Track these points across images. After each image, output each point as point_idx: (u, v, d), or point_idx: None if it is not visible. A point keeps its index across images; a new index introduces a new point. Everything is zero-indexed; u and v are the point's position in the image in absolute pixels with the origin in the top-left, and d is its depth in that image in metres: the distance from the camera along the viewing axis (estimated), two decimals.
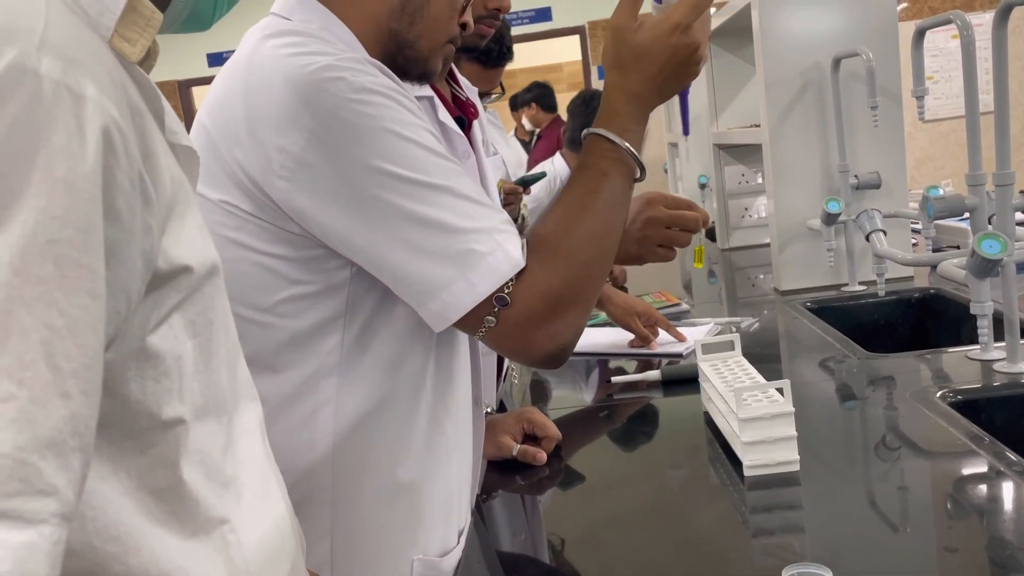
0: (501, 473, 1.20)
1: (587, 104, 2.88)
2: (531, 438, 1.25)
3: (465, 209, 0.82)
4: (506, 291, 0.81)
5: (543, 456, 1.20)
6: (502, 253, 0.81)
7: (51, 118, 0.41)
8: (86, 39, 0.45)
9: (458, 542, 0.96)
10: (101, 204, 0.42)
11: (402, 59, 0.95)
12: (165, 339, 0.49)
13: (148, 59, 0.53)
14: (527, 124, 5.54)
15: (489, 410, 1.28)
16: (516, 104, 5.54)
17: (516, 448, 1.22)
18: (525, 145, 5.59)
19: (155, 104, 0.52)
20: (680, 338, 1.69)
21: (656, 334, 1.71)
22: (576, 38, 6.80)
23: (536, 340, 0.83)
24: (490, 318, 0.82)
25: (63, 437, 0.39)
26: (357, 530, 0.88)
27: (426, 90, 1.36)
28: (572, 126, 2.86)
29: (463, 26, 0.96)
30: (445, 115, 1.42)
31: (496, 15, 1.33)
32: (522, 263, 0.82)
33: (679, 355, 1.63)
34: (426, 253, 0.80)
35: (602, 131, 0.90)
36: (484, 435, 1.12)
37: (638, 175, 0.91)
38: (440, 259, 0.81)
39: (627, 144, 0.89)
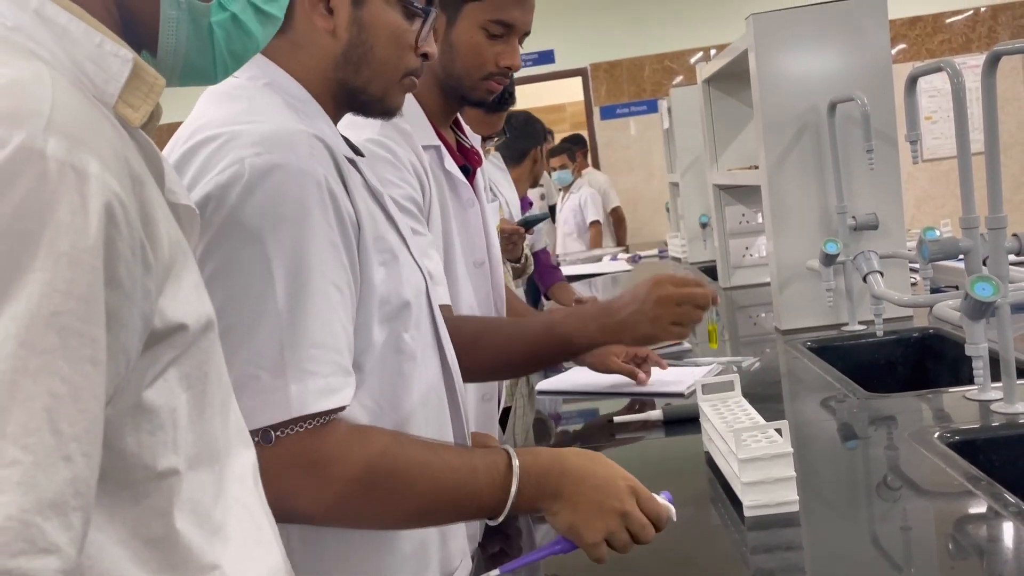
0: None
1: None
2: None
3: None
4: (280, 432, 0.77)
5: (644, 377, 1.46)
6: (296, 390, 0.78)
7: (56, 196, 0.43)
8: (90, 115, 0.47)
9: None
10: (103, 275, 0.45)
11: (358, 104, 0.96)
12: (161, 393, 0.52)
13: (151, 122, 0.56)
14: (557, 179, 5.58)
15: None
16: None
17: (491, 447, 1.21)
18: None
19: (156, 166, 0.55)
20: (661, 366, 1.71)
21: (647, 370, 1.71)
22: (579, 79, 6.90)
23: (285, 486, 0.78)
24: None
25: (65, 498, 0.42)
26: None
27: (433, 139, 1.39)
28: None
29: (425, 56, 0.95)
30: (451, 164, 1.45)
31: (507, 73, 1.36)
32: (300, 412, 0.77)
33: (680, 394, 1.64)
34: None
35: (516, 463, 0.86)
36: None
37: (492, 518, 0.88)
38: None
39: (510, 496, 0.86)
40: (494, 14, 1.31)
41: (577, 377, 1.82)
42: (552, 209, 5.84)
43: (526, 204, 3.06)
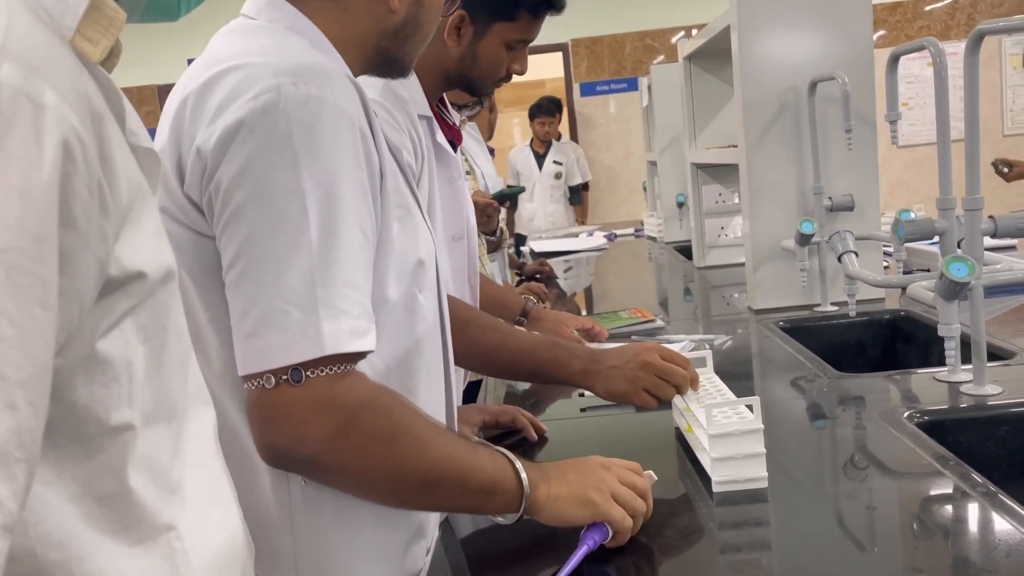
0: None
1: None
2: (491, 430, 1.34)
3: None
4: (311, 372, 0.75)
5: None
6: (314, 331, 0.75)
7: (8, 126, 0.40)
8: (48, 44, 0.44)
9: (427, 555, 0.95)
10: (57, 213, 0.42)
11: (385, 68, 0.97)
12: (115, 344, 0.49)
13: (111, 58, 0.52)
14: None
15: None
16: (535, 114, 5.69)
17: (474, 439, 1.24)
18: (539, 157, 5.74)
19: (116, 105, 0.52)
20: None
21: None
22: (559, 55, 6.84)
23: (288, 431, 0.76)
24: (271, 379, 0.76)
25: (8, 449, 0.39)
26: (320, 553, 0.86)
27: (427, 110, 1.43)
28: None
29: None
30: (442, 137, 1.48)
31: (510, 77, 1.46)
32: (334, 350, 0.75)
33: None
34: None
35: (524, 479, 0.88)
36: None
37: (501, 519, 0.90)
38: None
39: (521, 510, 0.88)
40: (521, 34, 1.41)
41: None
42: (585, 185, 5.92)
43: (490, 152, 3.06)
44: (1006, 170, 3.55)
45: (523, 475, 0.88)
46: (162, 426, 0.53)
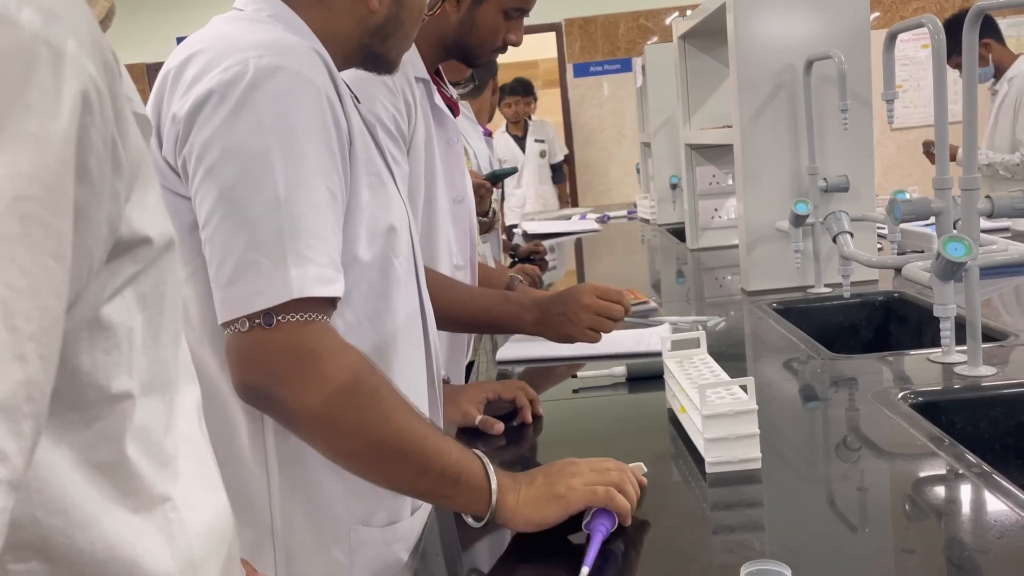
0: None
1: None
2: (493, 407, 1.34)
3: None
4: (281, 317, 0.80)
5: (500, 427, 1.27)
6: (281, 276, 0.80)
7: (28, 72, 0.39)
8: None
9: (411, 515, 0.99)
10: (74, 165, 0.40)
11: (369, 64, 1.02)
12: (119, 310, 0.48)
13: (106, 20, 0.52)
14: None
15: (447, 380, 1.34)
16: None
17: (478, 418, 1.27)
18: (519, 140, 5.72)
19: (119, 67, 0.51)
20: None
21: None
22: (552, 35, 6.79)
23: (262, 371, 0.81)
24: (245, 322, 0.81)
25: (17, 402, 0.37)
26: (299, 501, 0.92)
27: (424, 73, 1.46)
28: None
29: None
30: (439, 99, 1.51)
31: (505, 48, 1.48)
32: (300, 294, 0.80)
33: (653, 353, 1.61)
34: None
35: (492, 479, 0.88)
36: (445, 407, 1.19)
37: (473, 520, 0.90)
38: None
39: (491, 506, 0.87)
40: (519, 2, 1.42)
41: (537, 348, 1.77)
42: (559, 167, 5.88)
43: (487, 134, 3.04)
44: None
45: (491, 474, 0.88)
46: (156, 397, 0.52)
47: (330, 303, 0.84)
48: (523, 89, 5.73)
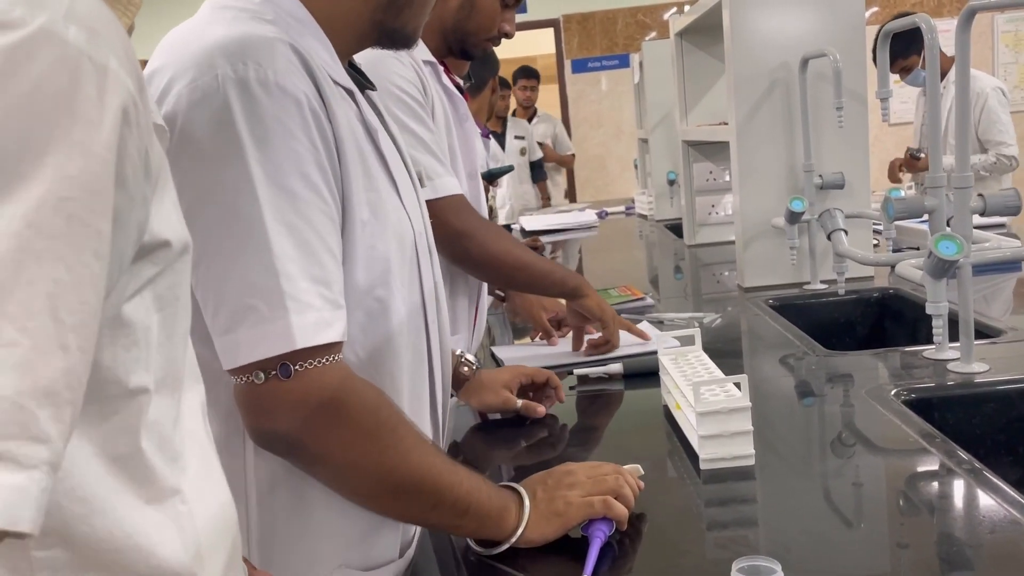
0: None
1: None
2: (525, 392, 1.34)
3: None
4: (298, 366, 0.75)
5: (543, 410, 1.29)
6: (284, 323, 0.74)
7: (75, 85, 0.42)
8: (106, 12, 0.47)
9: (400, 555, 0.93)
10: (114, 171, 0.44)
11: (386, 40, 0.94)
12: (138, 309, 0.51)
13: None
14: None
15: (476, 366, 1.32)
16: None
17: (519, 402, 1.29)
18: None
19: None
20: (643, 336, 1.63)
21: (563, 334, 1.72)
22: (550, 31, 6.79)
23: (281, 420, 0.77)
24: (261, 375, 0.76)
25: (59, 388, 0.40)
26: (277, 536, 0.86)
27: (430, 56, 1.46)
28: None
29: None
30: (447, 80, 1.54)
31: (499, 40, 1.52)
32: (303, 344, 0.74)
33: (652, 352, 1.61)
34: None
35: (523, 493, 0.89)
36: (482, 393, 1.24)
37: (477, 548, 0.90)
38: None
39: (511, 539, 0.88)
40: None
41: (535, 351, 1.74)
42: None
43: (485, 135, 3.02)
44: (922, 155, 3.60)
45: (525, 498, 0.89)
46: (167, 395, 0.55)
47: (339, 342, 0.78)
48: (535, 74, 5.64)
